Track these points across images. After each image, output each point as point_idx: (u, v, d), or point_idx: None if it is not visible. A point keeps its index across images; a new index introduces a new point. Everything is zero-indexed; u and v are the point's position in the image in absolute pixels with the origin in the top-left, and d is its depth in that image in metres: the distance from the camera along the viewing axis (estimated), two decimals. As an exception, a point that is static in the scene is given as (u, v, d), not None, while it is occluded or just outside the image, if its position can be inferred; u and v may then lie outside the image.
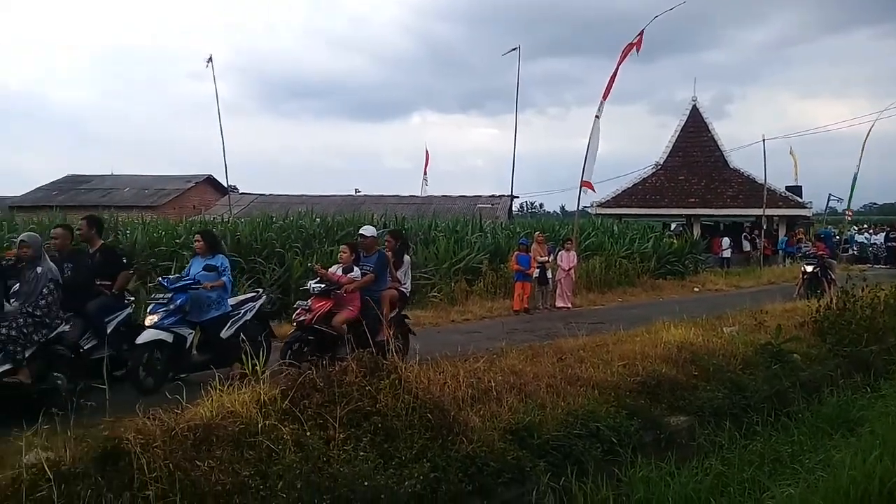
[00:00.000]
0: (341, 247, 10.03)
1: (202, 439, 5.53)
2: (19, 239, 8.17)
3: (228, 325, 9.35)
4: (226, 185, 35.33)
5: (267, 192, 41.70)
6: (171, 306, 8.91)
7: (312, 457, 5.52)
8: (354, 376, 6.46)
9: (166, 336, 8.80)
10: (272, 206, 31.57)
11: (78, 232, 9.31)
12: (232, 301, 9.64)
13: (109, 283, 8.95)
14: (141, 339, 8.68)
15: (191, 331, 9.07)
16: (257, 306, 10.01)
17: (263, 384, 6.21)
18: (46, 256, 8.04)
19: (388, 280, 9.94)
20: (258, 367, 6.46)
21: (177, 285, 9.09)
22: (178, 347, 8.95)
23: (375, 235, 10.15)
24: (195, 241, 9.69)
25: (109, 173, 44.22)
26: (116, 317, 8.95)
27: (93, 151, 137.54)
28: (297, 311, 9.47)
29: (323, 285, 9.40)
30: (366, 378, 6.48)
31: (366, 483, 5.30)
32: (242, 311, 9.68)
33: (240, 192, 41.89)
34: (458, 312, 15.36)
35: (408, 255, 10.98)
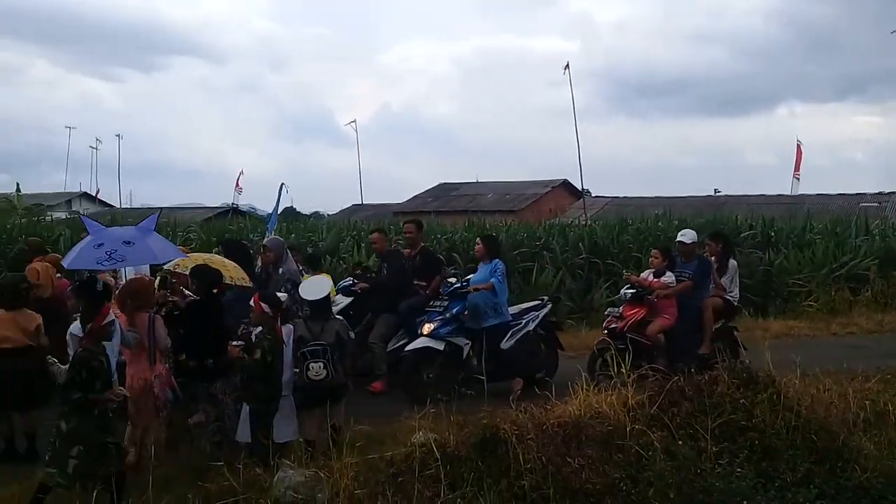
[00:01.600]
0: (653, 251, 9.36)
1: (571, 436, 5.63)
2: (263, 244, 8.89)
3: (508, 335, 8.76)
4: (580, 189, 36.16)
5: (620, 195, 41.78)
6: (447, 315, 8.67)
7: (684, 467, 5.33)
8: (726, 387, 6.10)
9: (436, 345, 8.56)
10: (626, 208, 31.51)
11: (408, 235, 9.64)
12: (513, 310, 9.11)
13: (426, 284, 9.21)
14: (410, 347, 8.56)
15: (467, 341, 8.70)
16: (541, 315, 9.30)
17: (631, 388, 6.15)
18: (290, 259, 8.62)
19: (710, 288, 9.05)
20: (623, 370, 6.43)
21: (449, 290, 8.87)
22: (454, 357, 8.68)
23: (696, 241, 9.20)
24: (476, 245, 9.45)
25: (475, 180, 47.98)
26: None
27: (461, 161, 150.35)
28: (608, 319, 8.99)
29: (634, 290, 8.87)
30: (739, 390, 6.10)
31: (744, 502, 4.94)
32: (524, 321, 9.07)
33: (593, 195, 42.53)
34: (840, 325, 13.72)
35: (734, 259, 9.84)
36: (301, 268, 9.15)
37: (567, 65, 28.04)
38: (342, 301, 9.20)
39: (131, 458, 5.82)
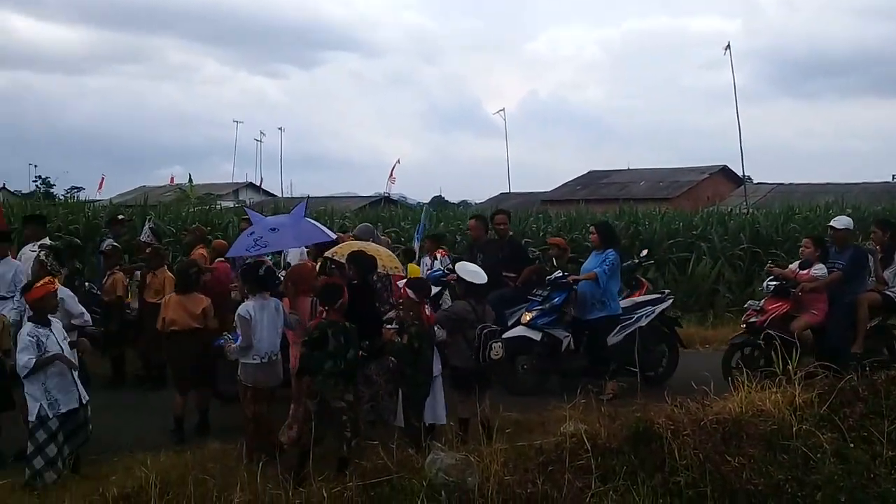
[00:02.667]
0: (804, 240, 8.61)
1: (731, 434, 5.37)
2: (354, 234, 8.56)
3: (616, 330, 8.34)
4: (741, 176, 34.37)
5: (785, 182, 39.30)
6: (547, 305, 8.39)
7: (856, 471, 4.95)
8: (908, 388, 5.61)
9: (533, 335, 8.33)
10: (792, 195, 29.55)
11: (500, 227, 9.27)
12: (626, 304, 8.68)
13: (515, 275, 8.78)
14: (507, 335, 8.09)
15: (566, 333, 8.39)
16: (657, 310, 8.68)
17: (798, 386, 5.78)
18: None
19: (866, 281, 8.18)
20: (790, 367, 6.06)
21: (552, 277, 8.51)
22: (551, 349, 8.43)
23: (850, 228, 8.38)
24: (590, 233, 9.09)
25: (626, 167, 46.77)
26: (518, 310, 8.66)
27: (610, 147, 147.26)
28: (748, 312, 8.39)
29: (777, 283, 8.21)
30: (924, 392, 5.58)
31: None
32: (636, 316, 8.54)
33: (754, 182, 40.29)
34: None
35: None
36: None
37: (728, 45, 26.72)
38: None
39: (293, 434, 6.15)
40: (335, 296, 5.66)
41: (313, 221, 7.11)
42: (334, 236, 7.01)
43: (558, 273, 8.56)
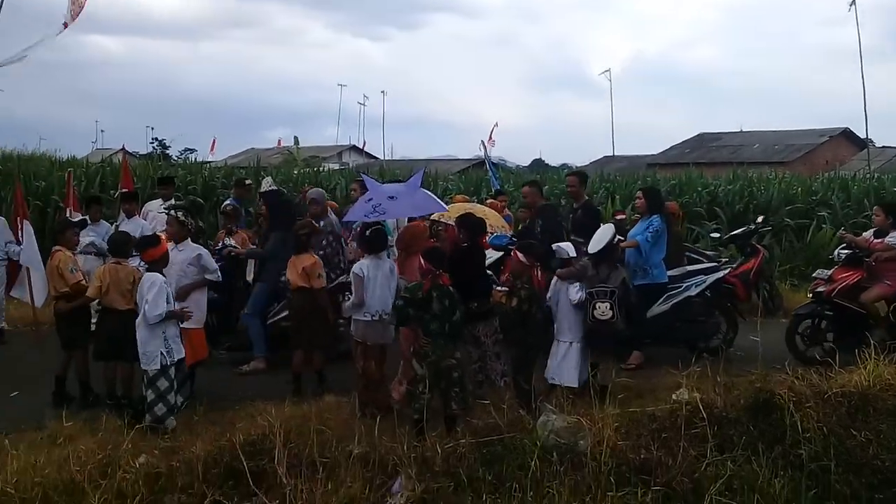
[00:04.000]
0: (875, 208, 8.03)
1: (858, 408, 5.17)
2: (309, 196, 8.59)
3: (662, 300, 7.93)
4: (863, 139, 32.35)
5: (913, 145, 36.73)
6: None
7: None
8: None
9: None
10: (922, 160, 27.63)
11: (570, 189, 8.93)
12: (675, 272, 8.17)
13: (583, 240, 8.25)
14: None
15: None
16: (709, 281, 8.12)
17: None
18: (330, 212, 8.40)
19: None
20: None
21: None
22: None
23: None
24: (636, 198, 8.67)
25: (738, 130, 44.81)
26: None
27: (722, 109, 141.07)
28: (815, 282, 8.01)
29: (849, 251, 7.74)
30: None
31: None
32: (684, 286, 8.06)
33: (877, 145, 37.85)
34: None
35: None
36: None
37: (853, 0, 24.91)
38: (493, 255, 8.38)
39: (403, 389, 6.29)
40: (441, 259, 5.72)
41: (427, 192, 7.06)
42: (447, 208, 7.05)
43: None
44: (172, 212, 7.19)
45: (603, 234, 6.54)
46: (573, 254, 6.46)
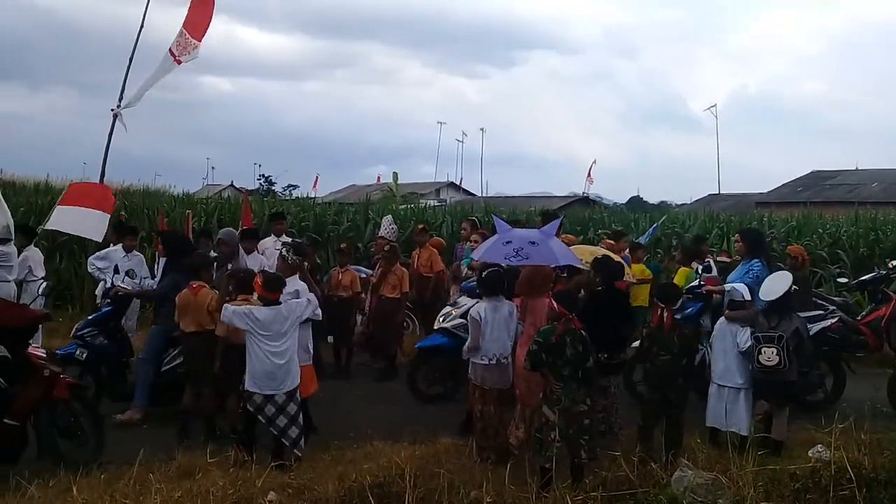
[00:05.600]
0: None
1: None
2: (219, 237, 8.53)
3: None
4: None
5: None
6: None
7: None
8: None
9: None
10: None
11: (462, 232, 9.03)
12: None
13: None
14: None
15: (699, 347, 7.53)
16: (818, 328, 7.60)
17: None
18: (243, 254, 8.31)
19: None
20: None
21: (692, 285, 7.98)
22: None
23: None
24: (735, 241, 8.24)
25: (854, 168, 42.63)
26: None
27: (832, 145, 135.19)
28: None
29: None
30: None
31: None
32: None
33: None
34: None
35: None
36: None
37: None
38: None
39: (521, 434, 6.17)
40: (574, 302, 5.59)
41: (561, 242, 6.79)
42: (582, 264, 6.82)
43: (694, 282, 8.07)
44: (282, 249, 7.36)
45: (779, 282, 6.32)
46: (748, 296, 6.30)
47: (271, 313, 5.93)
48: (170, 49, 10.39)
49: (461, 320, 7.45)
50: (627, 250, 9.78)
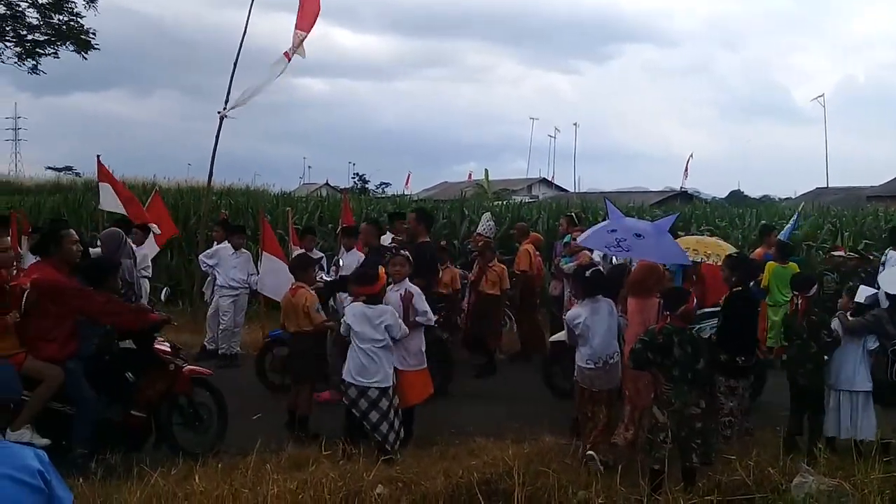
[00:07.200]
0: None
1: None
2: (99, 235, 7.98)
3: None
4: None
5: None
6: None
7: None
8: None
9: None
10: None
11: (406, 226, 8.53)
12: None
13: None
14: (554, 338, 7.69)
15: None
16: None
17: None
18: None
19: None
20: None
21: None
22: None
23: None
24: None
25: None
26: None
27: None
28: None
29: None
30: None
31: None
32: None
33: None
34: None
35: None
36: None
37: None
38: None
39: (630, 435, 6.04)
40: (679, 301, 5.38)
41: (673, 239, 6.57)
42: (691, 261, 6.61)
43: None
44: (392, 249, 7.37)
45: None
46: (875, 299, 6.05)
47: (359, 310, 6.05)
48: (285, 52, 10.70)
49: None
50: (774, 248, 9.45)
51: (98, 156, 10.71)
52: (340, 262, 9.11)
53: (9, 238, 6.56)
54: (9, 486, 2.27)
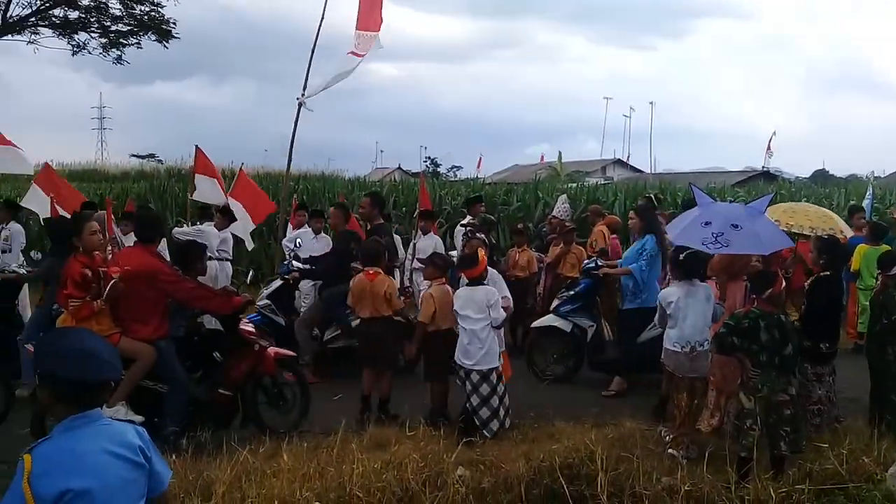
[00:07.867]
0: None
1: None
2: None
3: (653, 325, 6.82)
4: None
5: None
6: (572, 292, 8.00)
7: None
8: None
9: (563, 325, 7.89)
10: None
11: (361, 209, 8.69)
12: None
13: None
14: (536, 324, 8.15)
15: (591, 322, 7.90)
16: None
17: None
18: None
19: None
20: None
21: (585, 263, 8.26)
22: (578, 339, 7.96)
23: None
24: (630, 217, 8.19)
25: None
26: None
27: None
28: None
29: None
30: None
31: None
32: None
33: None
34: None
35: None
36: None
37: None
38: None
39: (715, 422, 5.90)
40: (766, 283, 5.17)
41: (770, 219, 6.08)
42: (793, 243, 6.32)
43: (588, 261, 8.27)
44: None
45: None
46: None
47: (464, 293, 6.22)
48: (349, 52, 10.78)
49: None
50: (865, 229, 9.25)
51: (196, 146, 10.90)
52: (416, 246, 9.19)
53: (102, 224, 6.84)
54: (111, 462, 2.36)
